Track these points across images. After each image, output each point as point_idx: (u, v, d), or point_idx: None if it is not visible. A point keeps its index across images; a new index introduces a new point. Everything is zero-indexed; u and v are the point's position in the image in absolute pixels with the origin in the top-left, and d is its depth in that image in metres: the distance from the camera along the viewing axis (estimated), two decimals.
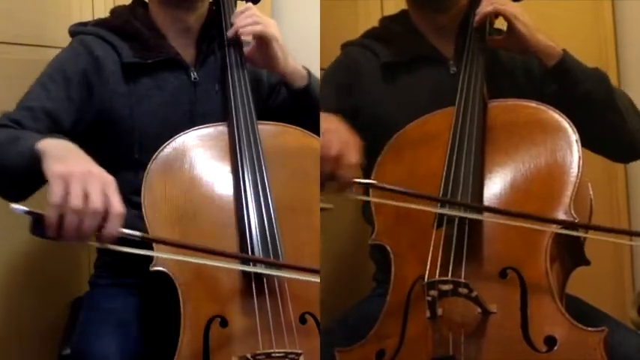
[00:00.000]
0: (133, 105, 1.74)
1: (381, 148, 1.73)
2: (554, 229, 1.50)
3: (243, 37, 1.78)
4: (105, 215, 1.36)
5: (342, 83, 1.88)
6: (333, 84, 1.87)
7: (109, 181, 1.40)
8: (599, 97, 1.73)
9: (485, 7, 1.78)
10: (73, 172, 1.36)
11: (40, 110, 1.67)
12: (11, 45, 1.96)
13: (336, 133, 1.50)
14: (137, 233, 1.44)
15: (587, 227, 1.59)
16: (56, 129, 1.67)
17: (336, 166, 1.47)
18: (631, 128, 1.76)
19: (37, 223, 1.35)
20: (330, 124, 1.53)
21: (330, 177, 1.48)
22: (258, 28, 1.75)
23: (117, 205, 1.38)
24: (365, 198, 1.63)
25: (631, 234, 1.66)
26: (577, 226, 1.53)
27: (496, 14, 1.79)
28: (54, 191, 1.35)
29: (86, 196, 1.35)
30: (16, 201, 1.45)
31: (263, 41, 1.75)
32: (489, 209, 1.55)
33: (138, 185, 1.59)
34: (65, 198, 1.34)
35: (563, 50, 1.76)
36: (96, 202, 1.35)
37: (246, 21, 1.76)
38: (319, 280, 1.54)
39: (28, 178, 1.47)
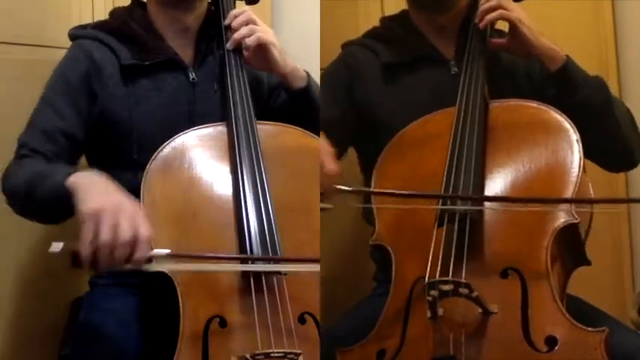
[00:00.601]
0: (132, 106, 1.74)
1: (381, 148, 1.73)
2: (556, 226, 1.51)
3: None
4: (134, 243, 1.43)
5: (343, 83, 1.88)
6: (333, 84, 1.87)
7: (136, 209, 1.47)
8: (597, 104, 1.73)
9: (489, 12, 1.78)
10: (103, 209, 1.43)
11: (56, 132, 1.70)
12: (11, 45, 1.96)
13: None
14: (165, 252, 1.50)
15: (589, 201, 1.60)
16: (73, 146, 1.72)
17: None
18: (626, 137, 1.77)
19: (76, 258, 1.45)
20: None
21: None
22: (255, 38, 1.75)
23: (144, 233, 1.44)
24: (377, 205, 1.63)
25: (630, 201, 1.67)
26: (576, 202, 1.54)
27: (502, 19, 1.78)
28: (85, 229, 1.43)
29: (115, 230, 1.42)
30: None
31: (262, 48, 1.75)
32: (491, 199, 1.55)
33: (137, 185, 1.59)
34: (96, 235, 1.42)
35: (566, 56, 1.75)
36: (125, 234, 1.43)
37: (244, 32, 1.76)
38: (319, 269, 1.54)
39: (59, 211, 1.56)
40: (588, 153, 1.64)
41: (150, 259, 1.48)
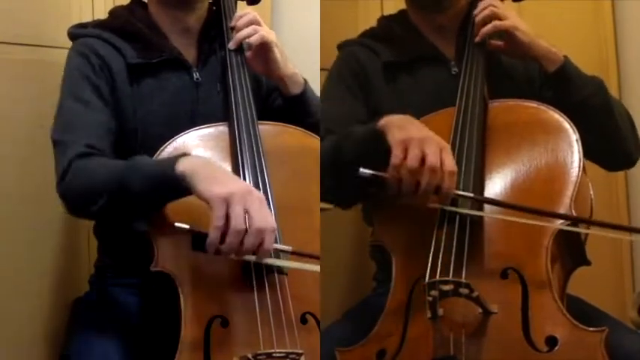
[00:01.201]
0: (136, 105, 1.74)
1: None
2: (558, 225, 1.51)
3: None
4: (263, 232, 1.45)
5: (352, 84, 1.86)
6: (342, 86, 1.85)
7: (263, 197, 1.49)
8: (595, 104, 1.73)
9: (484, 24, 1.78)
10: (233, 193, 1.44)
11: (98, 126, 1.67)
12: (11, 45, 1.95)
13: (430, 141, 1.51)
14: (288, 248, 1.54)
15: (589, 222, 1.59)
16: (114, 137, 1.69)
17: (436, 177, 1.48)
18: (625, 137, 1.77)
19: (199, 240, 1.46)
20: (419, 130, 1.53)
21: (434, 189, 1.49)
22: (258, 37, 1.75)
23: (272, 222, 1.47)
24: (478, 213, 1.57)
25: (631, 230, 1.67)
26: (577, 221, 1.54)
27: (496, 31, 1.78)
28: (218, 214, 1.43)
29: (247, 216, 1.43)
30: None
31: (264, 48, 1.75)
32: (493, 201, 1.55)
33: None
34: (228, 220, 1.42)
35: (564, 57, 1.76)
36: (259, 221, 1.44)
37: (247, 31, 1.76)
38: (320, 271, 1.54)
39: (155, 203, 1.53)
40: (587, 153, 1.64)
41: (275, 253, 1.50)
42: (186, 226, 1.47)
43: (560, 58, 1.75)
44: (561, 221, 1.52)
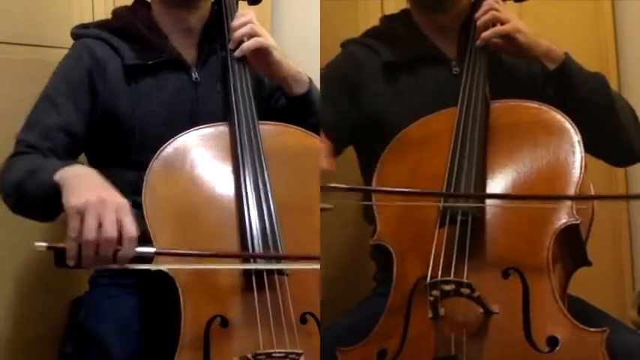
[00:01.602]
0: (135, 105, 1.74)
1: (382, 148, 1.73)
2: (558, 227, 1.51)
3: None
4: (118, 240, 1.42)
5: (344, 82, 1.87)
6: (334, 83, 1.86)
7: (122, 205, 1.46)
8: (598, 100, 1.74)
9: (485, 28, 1.78)
10: (88, 204, 1.42)
11: (54, 128, 1.70)
12: (11, 45, 1.96)
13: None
14: (150, 250, 1.49)
15: (590, 197, 1.60)
16: (72, 142, 1.72)
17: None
18: (628, 132, 1.77)
19: (59, 256, 1.44)
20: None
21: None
22: (253, 42, 1.75)
23: (129, 230, 1.43)
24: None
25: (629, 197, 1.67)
26: (576, 199, 1.54)
27: (497, 36, 1.78)
28: (71, 226, 1.42)
29: (99, 226, 1.41)
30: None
31: (261, 52, 1.75)
32: (492, 196, 1.55)
33: (139, 185, 1.59)
34: (80, 232, 1.41)
35: (565, 54, 1.76)
36: (108, 231, 1.42)
37: (244, 30, 1.76)
38: (319, 267, 1.54)
39: (50, 207, 1.54)
40: (591, 149, 1.65)
41: (137, 258, 1.46)
42: (44, 244, 1.44)
43: (560, 56, 1.75)
44: (563, 221, 1.52)
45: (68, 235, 1.42)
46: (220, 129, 1.70)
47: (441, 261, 1.49)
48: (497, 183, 1.60)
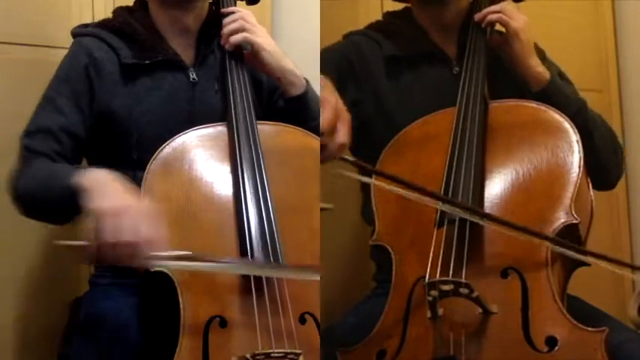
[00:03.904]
0: (132, 105, 1.74)
1: (380, 142, 1.73)
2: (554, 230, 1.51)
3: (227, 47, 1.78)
4: (136, 243, 1.44)
5: (344, 70, 1.85)
6: (333, 70, 1.80)
7: (143, 210, 1.47)
8: (576, 126, 1.70)
9: (491, 13, 1.78)
10: (106, 208, 1.44)
11: (59, 130, 1.70)
12: (11, 45, 1.96)
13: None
14: (172, 254, 1.50)
15: (586, 253, 1.57)
16: (76, 144, 1.72)
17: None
18: (603, 160, 1.76)
19: (81, 254, 1.46)
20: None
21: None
22: (238, 38, 1.75)
23: (147, 234, 1.45)
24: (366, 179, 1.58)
25: (633, 267, 1.67)
26: (574, 249, 1.53)
27: (499, 23, 1.78)
28: (90, 227, 1.44)
29: (117, 232, 1.43)
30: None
31: (252, 50, 1.75)
32: (490, 217, 1.54)
33: (137, 185, 1.59)
34: (100, 234, 1.43)
35: (552, 77, 1.75)
36: (126, 235, 1.43)
37: (232, 27, 1.76)
38: (319, 278, 1.54)
39: (71, 211, 1.55)
40: None
41: (154, 260, 1.48)
42: (65, 243, 1.48)
43: (546, 79, 1.75)
44: (562, 221, 1.52)
45: (86, 237, 1.44)
46: (219, 129, 1.70)
47: (440, 261, 1.50)
48: (496, 183, 1.60)
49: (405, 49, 1.86)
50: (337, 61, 1.87)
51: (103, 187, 1.51)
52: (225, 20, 1.78)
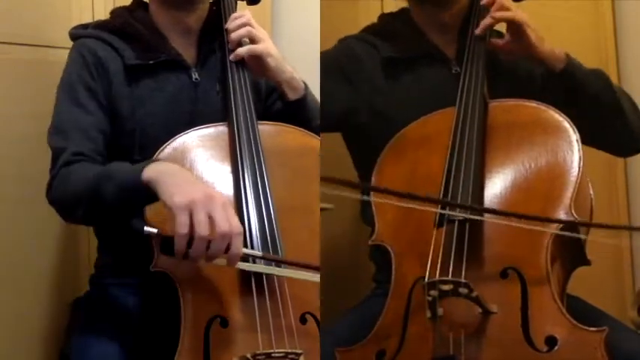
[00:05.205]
0: (136, 106, 1.74)
1: (380, 145, 1.73)
2: (555, 229, 1.50)
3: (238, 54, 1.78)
4: (229, 235, 1.44)
5: (342, 75, 1.86)
6: (331, 76, 1.83)
7: (227, 201, 1.48)
8: (605, 99, 1.74)
9: (494, 13, 1.77)
10: (195, 200, 1.43)
11: (91, 129, 1.69)
12: (11, 45, 1.96)
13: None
14: (258, 253, 1.53)
15: (588, 225, 1.58)
16: (106, 140, 1.71)
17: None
18: (632, 124, 1.78)
19: (167, 244, 1.46)
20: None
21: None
22: (244, 51, 1.75)
23: (238, 226, 1.45)
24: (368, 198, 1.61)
25: (631, 229, 1.66)
26: (577, 225, 1.53)
27: (505, 21, 1.77)
28: (181, 222, 1.42)
29: (211, 222, 1.42)
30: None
31: (255, 58, 1.75)
32: (490, 210, 1.55)
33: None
34: (192, 227, 1.42)
35: (566, 54, 1.76)
36: (223, 226, 1.43)
37: (241, 32, 1.76)
38: (319, 279, 1.54)
39: (134, 209, 1.54)
40: (596, 143, 1.69)
41: (244, 257, 1.49)
42: (155, 231, 1.48)
43: (563, 57, 1.75)
44: (557, 225, 1.52)
45: (177, 232, 1.42)
46: (220, 129, 1.70)
47: (439, 261, 1.49)
48: (496, 183, 1.60)
49: (402, 50, 1.86)
50: (334, 67, 1.86)
51: (177, 177, 1.50)
52: (231, 26, 1.78)
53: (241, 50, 1.76)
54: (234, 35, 1.76)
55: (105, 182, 1.53)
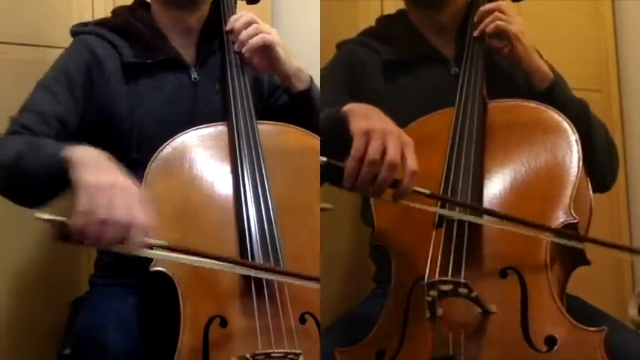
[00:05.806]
0: (133, 105, 1.74)
1: None
2: (550, 237, 1.50)
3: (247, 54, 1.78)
4: (127, 225, 1.40)
5: (344, 81, 1.86)
6: (334, 82, 1.84)
7: (134, 193, 1.43)
8: (579, 127, 1.70)
9: (488, 22, 1.77)
10: (100, 184, 1.39)
11: (50, 114, 1.67)
12: (11, 45, 1.96)
13: (393, 134, 1.46)
14: (162, 242, 1.47)
15: (586, 240, 1.57)
16: (65, 132, 1.69)
17: (395, 172, 1.43)
18: (600, 164, 1.76)
19: (62, 230, 1.39)
20: (382, 122, 1.49)
21: (391, 183, 1.44)
22: (260, 39, 1.75)
23: (140, 218, 1.41)
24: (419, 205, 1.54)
25: (632, 251, 1.66)
26: (575, 238, 1.53)
27: (498, 32, 1.77)
28: (81, 201, 1.38)
29: (111, 209, 1.38)
30: (34, 207, 1.54)
31: (266, 48, 1.75)
32: (491, 212, 1.55)
33: (137, 185, 1.59)
34: (91, 209, 1.38)
35: (555, 76, 1.75)
36: (119, 215, 1.39)
37: (248, 32, 1.76)
38: (319, 287, 1.54)
39: (51, 185, 1.50)
40: None
41: (145, 246, 1.44)
42: (47, 216, 1.39)
43: (550, 78, 1.75)
44: (561, 220, 1.52)
45: (76, 210, 1.37)
46: (219, 129, 1.70)
47: (439, 261, 1.49)
48: (495, 183, 1.60)
49: (401, 53, 1.87)
50: (336, 73, 1.87)
51: (94, 162, 1.47)
52: (236, 26, 1.78)
53: (256, 39, 1.75)
54: (244, 34, 1.76)
55: (30, 152, 1.52)
